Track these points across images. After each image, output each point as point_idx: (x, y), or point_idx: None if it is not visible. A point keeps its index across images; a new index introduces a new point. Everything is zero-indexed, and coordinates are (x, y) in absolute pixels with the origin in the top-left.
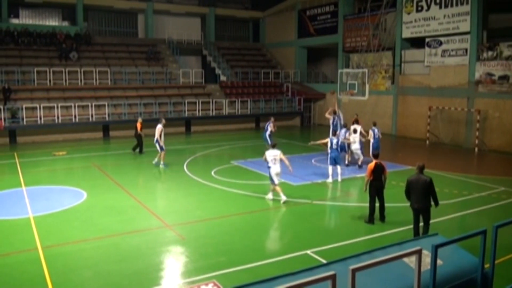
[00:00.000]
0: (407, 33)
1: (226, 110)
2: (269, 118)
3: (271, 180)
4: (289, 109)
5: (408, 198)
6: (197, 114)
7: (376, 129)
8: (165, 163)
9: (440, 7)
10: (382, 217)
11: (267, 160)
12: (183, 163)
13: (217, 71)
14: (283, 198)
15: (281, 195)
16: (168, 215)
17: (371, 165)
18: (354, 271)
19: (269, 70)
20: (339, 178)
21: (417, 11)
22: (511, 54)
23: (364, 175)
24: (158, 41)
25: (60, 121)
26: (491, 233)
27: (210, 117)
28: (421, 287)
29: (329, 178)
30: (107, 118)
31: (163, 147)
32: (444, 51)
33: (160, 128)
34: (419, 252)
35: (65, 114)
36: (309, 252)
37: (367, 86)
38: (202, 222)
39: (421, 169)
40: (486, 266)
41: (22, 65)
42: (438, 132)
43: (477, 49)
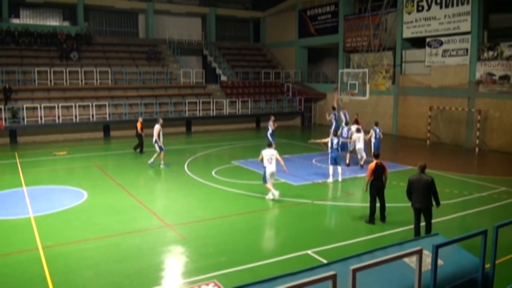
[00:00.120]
0: (408, 33)
1: (227, 110)
2: (269, 117)
3: (264, 180)
4: (290, 109)
5: (410, 198)
6: (198, 114)
7: (378, 129)
8: (166, 163)
9: (441, 7)
10: (383, 217)
11: (263, 159)
12: (184, 163)
13: (218, 71)
14: (270, 196)
15: (270, 192)
16: (169, 215)
17: (372, 165)
18: (355, 271)
19: (270, 70)
20: (340, 178)
21: (418, 11)
22: None
23: (365, 175)
24: (159, 41)
25: (61, 121)
26: (492, 233)
27: (211, 117)
28: (422, 287)
29: (330, 178)
30: (108, 118)
31: (162, 147)
32: (445, 51)
33: (158, 128)
34: (420, 252)
35: (66, 114)
36: (310, 252)
37: (368, 86)
38: (203, 222)
39: (423, 169)
40: (487, 266)
41: (23, 65)
42: (439, 132)
43: (478, 49)
